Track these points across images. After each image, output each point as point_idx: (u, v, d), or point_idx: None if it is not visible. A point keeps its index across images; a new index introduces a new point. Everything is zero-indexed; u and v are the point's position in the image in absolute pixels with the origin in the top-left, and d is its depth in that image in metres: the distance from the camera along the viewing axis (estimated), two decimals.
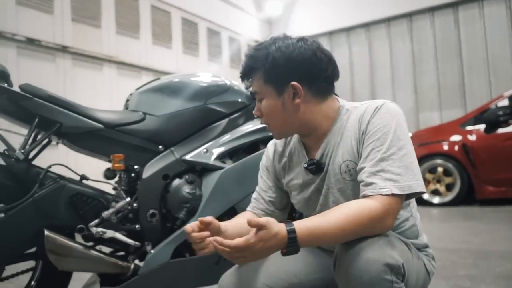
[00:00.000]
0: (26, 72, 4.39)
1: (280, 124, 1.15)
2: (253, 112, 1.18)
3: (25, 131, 1.56)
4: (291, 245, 0.93)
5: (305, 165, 1.16)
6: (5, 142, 1.51)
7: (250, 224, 0.93)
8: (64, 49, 5.04)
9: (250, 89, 1.18)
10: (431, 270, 1.17)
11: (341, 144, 1.12)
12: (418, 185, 0.99)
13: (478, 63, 7.58)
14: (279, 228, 0.93)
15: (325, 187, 1.16)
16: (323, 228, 0.95)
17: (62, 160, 1.58)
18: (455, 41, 7.80)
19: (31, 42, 4.68)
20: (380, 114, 1.06)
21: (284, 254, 0.94)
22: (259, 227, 0.91)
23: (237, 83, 1.90)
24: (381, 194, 0.96)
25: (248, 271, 1.22)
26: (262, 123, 1.19)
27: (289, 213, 1.38)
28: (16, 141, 1.58)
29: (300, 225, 0.94)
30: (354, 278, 0.94)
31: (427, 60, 8.07)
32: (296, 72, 1.09)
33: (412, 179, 0.99)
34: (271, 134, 1.73)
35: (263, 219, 0.92)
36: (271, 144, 1.33)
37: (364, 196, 0.99)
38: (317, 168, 1.15)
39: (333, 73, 1.13)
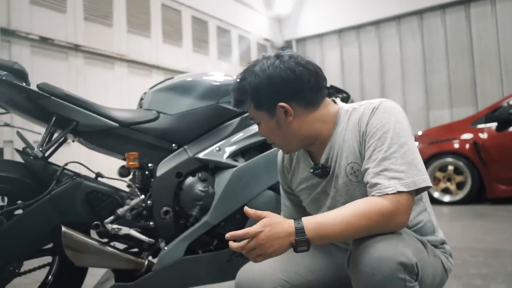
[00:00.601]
0: (40, 71, 4.46)
1: (283, 142, 1.19)
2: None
3: (38, 129, 1.60)
4: (299, 235, 0.95)
5: (311, 170, 1.19)
6: (24, 140, 1.55)
7: (249, 214, 0.99)
8: (76, 48, 5.10)
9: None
10: (449, 268, 1.18)
11: (344, 147, 1.14)
12: (423, 180, 1.00)
13: (490, 60, 7.49)
14: (284, 219, 0.99)
15: (333, 189, 1.18)
16: (331, 221, 0.97)
17: (75, 158, 1.61)
18: (466, 39, 7.71)
19: (44, 41, 4.74)
20: (377, 114, 1.08)
21: (295, 247, 0.96)
22: (260, 216, 0.97)
23: None
24: (387, 194, 0.97)
25: (265, 267, 1.23)
26: (268, 142, 1.25)
27: None
28: (30, 139, 1.62)
29: (308, 218, 0.98)
30: (367, 276, 0.95)
31: (437, 58, 8.00)
32: (280, 93, 1.12)
33: (417, 174, 1.00)
34: None
35: (264, 212, 0.99)
36: (279, 156, 1.38)
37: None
38: (322, 172, 1.18)
39: (317, 81, 1.14)
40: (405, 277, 0.94)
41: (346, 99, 1.95)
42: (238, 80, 1.19)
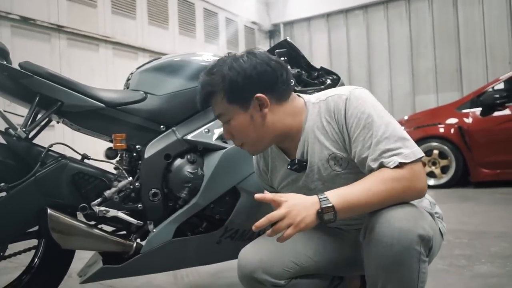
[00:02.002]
0: (21, 52, 4.33)
1: (255, 139, 1.17)
2: (224, 136, 1.23)
3: (21, 111, 1.55)
4: (324, 202, 0.97)
5: (288, 166, 1.20)
6: (7, 120, 1.50)
7: (265, 199, 1.00)
8: (59, 29, 4.97)
9: (215, 113, 1.22)
10: (444, 232, 1.22)
11: (320, 139, 1.15)
12: (418, 151, 1.03)
13: (476, 47, 7.58)
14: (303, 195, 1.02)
15: (317, 182, 1.19)
16: (352, 189, 1.00)
17: (59, 140, 1.57)
18: (453, 25, 7.77)
19: (25, 21, 4.60)
20: (353, 104, 1.09)
21: (321, 214, 0.96)
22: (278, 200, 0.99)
23: None
24: (396, 167, 0.99)
25: (273, 249, 1.22)
26: (236, 145, 1.22)
27: None
28: (13, 122, 1.57)
29: (328, 192, 1.00)
30: (385, 246, 0.96)
31: (424, 43, 8.05)
32: (256, 85, 1.13)
33: (412, 146, 1.03)
34: None
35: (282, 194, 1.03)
36: (254, 160, 1.40)
37: None
38: (300, 166, 1.19)
39: (288, 76, 1.18)
40: (420, 250, 0.96)
41: (336, 81, 1.94)
42: (207, 74, 1.18)
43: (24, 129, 1.46)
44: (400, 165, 0.99)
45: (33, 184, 1.44)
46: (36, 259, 1.58)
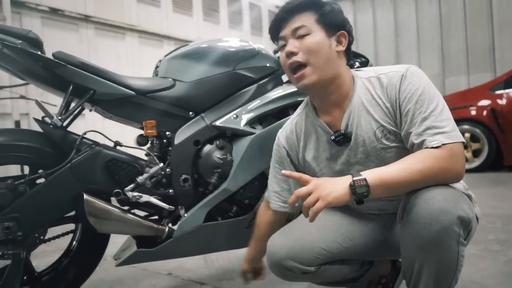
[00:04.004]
0: (51, 43, 4.41)
1: (322, 64, 1.14)
2: (288, 49, 1.15)
3: (53, 100, 1.59)
4: (356, 175, 0.98)
5: (332, 137, 1.18)
6: (43, 109, 1.54)
7: (293, 176, 1.04)
8: (87, 19, 5.05)
9: (293, 25, 1.16)
10: (479, 216, 1.19)
11: (370, 111, 1.13)
12: (460, 135, 1.02)
13: (510, 25, 7.23)
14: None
15: (360, 155, 1.17)
16: (386, 167, 0.99)
17: (90, 128, 1.61)
18: (485, 2, 7.44)
19: (54, 12, 4.69)
20: (408, 80, 1.09)
21: (353, 187, 0.96)
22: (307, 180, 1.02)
23: (265, 48, 1.87)
24: (433, 147, 0.99)
25: (303, 236, 1.23)
26: (294, 62, 1.15)
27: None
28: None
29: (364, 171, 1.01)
30: (423, 226, 0.95)
31: (455, 23, 7.75)
32: (346, 25, 1.18)
33: (456, 129, 1.02)
34: (300, 99, 1.74)
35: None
36: (281, 134, 1.37)
37: None
38: (344, 138, 1.16)
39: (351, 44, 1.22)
40: (460, 232, 0.95)
41: (365, 63, 1.91)
42: None
43: (59, 117, 1.51)
44: (441, 146, 0.98)
45: (69, 171, 1.49)
46: (74, 242, 1.65)
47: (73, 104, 1.60)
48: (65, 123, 1.56)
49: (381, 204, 1.24)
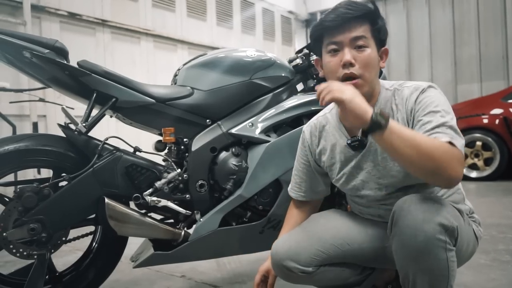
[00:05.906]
0: (69, 46, 4.50)
1: (373, 79, 1.20)
2: (347, 58, 1.15)
3: (70, 104, 1.64)
4: (377, 109, 1.02)
5: (348, 141, 1.21)
6: (69, 116, 1.61)
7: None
8: (103, 23, 5.16)
9: (352, 34, 1.16)
10: (479, 236, 1.23)
11: None
12: (463, 151, 1.05)
13: None
14: None
15: (370, 163, 1.21)
16: (402, 127, 1.03)
17: (109, 133, 1.67)
18: (500, 9, 7.39)
19: (72, 16, 4.81)
20: (427, 93, 1.14)
21: (375, 114, 1.00)
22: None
23: (280, 57, 1.92)
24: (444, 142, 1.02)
25: (302, 238, 1.29)
26: (348, 73, 1.16)
27: None
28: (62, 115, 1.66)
29: None
30: (409, 237, 0.99)
31: (468, 30, 7.72)
32: (386, 42, 1.24)
33: (463, 147, 1.05)
34: (314, 108, 1.79)
35: None
36: (306, 128, 1.43)
37: None
38: (359, 144, 1.20)
39: None
40: (445, 239, 0.99)
41: (379, 73, 1.94)
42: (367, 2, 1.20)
43: (84, 124, 1.57)
44: (447, 143, 1.01)
45: (91, 175, 1.55)
46: (94, 243, 1.71)
47: (95, 111, 1.66)
48: None
49: (382, 212, 1.29)
